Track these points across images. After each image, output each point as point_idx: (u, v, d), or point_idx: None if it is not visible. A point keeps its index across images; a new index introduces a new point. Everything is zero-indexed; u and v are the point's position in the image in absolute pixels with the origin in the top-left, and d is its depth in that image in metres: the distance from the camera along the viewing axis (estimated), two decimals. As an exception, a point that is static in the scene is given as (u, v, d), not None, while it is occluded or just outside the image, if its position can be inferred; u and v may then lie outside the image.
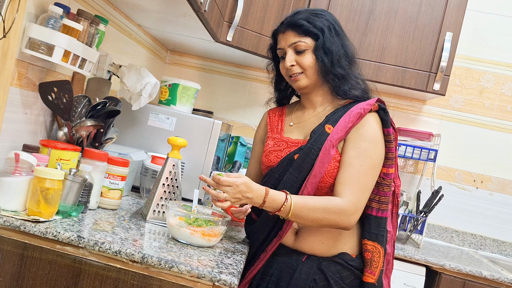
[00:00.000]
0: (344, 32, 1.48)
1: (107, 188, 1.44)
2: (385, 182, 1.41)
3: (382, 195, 1.41)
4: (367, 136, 1.36)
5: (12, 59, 1.26)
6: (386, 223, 1.41)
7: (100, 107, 1.54)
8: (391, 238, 1.44)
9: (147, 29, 2.26)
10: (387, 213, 1.41)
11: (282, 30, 1.46)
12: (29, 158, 1.17)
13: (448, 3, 2.33)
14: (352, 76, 1.44)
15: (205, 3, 1.61)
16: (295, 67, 1.44)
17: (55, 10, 1.31)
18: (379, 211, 1.40)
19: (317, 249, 1.40)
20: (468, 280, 2.04)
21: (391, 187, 1.41)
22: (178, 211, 1.30)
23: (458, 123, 2.71)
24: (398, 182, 1.47)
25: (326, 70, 1.42)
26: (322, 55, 1.41)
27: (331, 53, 1.41)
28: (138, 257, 1.09)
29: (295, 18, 1.45)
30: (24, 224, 1.12)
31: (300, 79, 1.45)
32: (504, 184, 2.68)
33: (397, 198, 1.47)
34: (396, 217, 1.49)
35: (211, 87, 2.81)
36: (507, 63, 2.70)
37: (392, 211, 1.47)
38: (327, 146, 1.35)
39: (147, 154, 1.83)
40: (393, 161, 1.41)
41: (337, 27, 1.45)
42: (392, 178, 1.41)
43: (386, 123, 1.40)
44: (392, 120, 1.43)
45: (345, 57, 1.43)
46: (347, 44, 1.46)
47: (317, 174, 1.35)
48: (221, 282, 1.07)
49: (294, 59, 1.44)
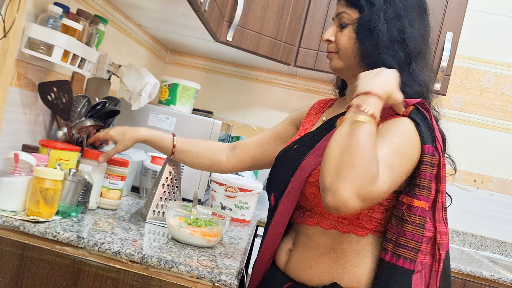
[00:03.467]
0: (420, 17, 1.13)
1: (106, 188, 1.44)
2: (410, 219, 1.02)
3: (402, 235, 1.02)
4: (399, 130, 1.02)
5: (11, 59, 1.26)
6: (411, 278, 1.01)
7: (99, 107, 1.54)
8: None
9: (147, 29, 2.26)
10: (413, 264, 1.01)
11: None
12: (29, 158, 1.17)
13: (448, 3, 2.33)
14: (406, 71, 1.09)
15: (205, 3, 1.61)
16: (332, 44, 1.16)
17: (54, 10, 1.31)
18: (394, 257, 1.02)
19: (303, 276, 1.11)
20: (468, 280, 2.04)
21: (422, 229, 1.01)
22: (178, 211, 1.29)
23: (459, 123, 2.71)
24: (442, 228, 1.05)
25: (367, 55, 1.10)
26: (364, 34, 1.09)
27: (377, 33, 1.08)
28: (138, 257, 1.09)
29: None
30: (23, 225, 1.11)
31: (333, 58, 1.17)
32: (505, 184, 2.68)
33: (438, 250, 1.04)
34: (437, 278, 1.05)
35: (211, 87, 2.80)
36: (507, 63, 2.70)
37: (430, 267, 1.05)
38: (327, 138, 1.08)
39: (147, 154, 1.83)
40: (425, 192, 1.02)
41: (401, 4, 1.10)
42: (420, 215, 1.02)
43: (422, 138, 1.03)
44: (439, 138, 1.06)
45: (400, 45, 1.09)
46: (410, 31, 1.09)
47: (305, 167, 1.08)
48: (221, 283, 1.07)
49: (334, 33, 1.15)
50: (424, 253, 1.03)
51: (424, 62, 1.14)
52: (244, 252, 1.35)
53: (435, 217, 1.04)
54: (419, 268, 1.03)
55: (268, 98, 2.78)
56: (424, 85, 1.12)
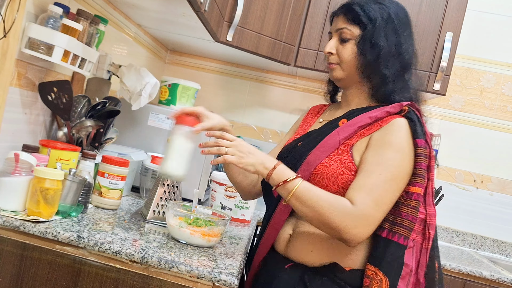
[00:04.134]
0: (410, 32, 1.30)
1: (106, 188, 1.44)
2: (406, 202, 1.17)
3: (398, 215, 1.17)
4: (392, 143, 1.16)
5: (11, 59, 1.26)
6: (403, 252, 1.15)
7: (100, 107, 1.54)
8: (408, 274, 1.15)
9: (147, 29, 2.26)
10: (406, 241, 1.16)
11: (337, 13, 1.31)
12: (29, 158, 1.17)
13: (448, 3, 2.33)
14: (400, 81, 1.25)
15: (205, 3, 1.61)
16: (333, 56, 1.29)
17: (54, 10, 1.31)
18: (390, 233, 1.17)
19: (305, 258, 1.23)
20: (468, 280, 2.04)
21: (416, 211, 1.16)
22: (178, 211, 1.30)
23: (458, 123, 2.71)
24: (432, 211, 1.19)
25: (367, 67, 1.25)
26: (365, 49, 1.23)
27: (378, 48, 1.22)
28: (138, 257, 1.09)
29: (351, 2, 1.29)
30: (23, 224, 1.11)
31: (335, 69, 1.30)
32: (505, 184, 2.68)
33: (428, 229, 1.18)
34: (426, 254, 1.18)
35: (211, 87, 2.81)
36: (507, 63, 2.70)
37: (421, 245, 1.19)
38: (331, 136, 1.22)
39: (147, 154, 1.83)
40: (420, 179, 1.17)
41: (397, 22, 1.26)
42: (416, 199, 1.17)
43: (415, 134, 1.18)
44: (428, 133, 1.22)
45: (397, 58, 1.25)
46: (405, 46, 1.26)
47: (311, 162, 1.20)
48: (221, 283, 1.07)
49: (335, 47, 1.29)
50: (416, 232, 1.17)
51: (414, 72, 1.31)
52: (244, 252, 1.35)
53: (426, 201, 1.19)
54: (411, 245, 1.17)
55: (268, 98, 2.79)
56: (414, 92, 1.28)
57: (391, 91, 1.24)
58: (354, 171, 1.18)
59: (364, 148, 1.20)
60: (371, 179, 1.13)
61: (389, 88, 1.24)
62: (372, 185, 1.12)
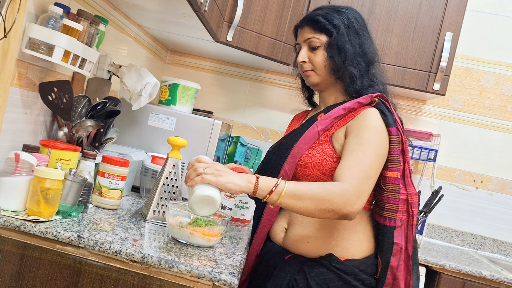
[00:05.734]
0: (367, 32, 1.44)
1: (107, 188, 1.44)
2: (385, 187, 1.31)
3: (380, 200, 1.32)
4: (369, 125, 1.29)
5: (12, 59, 1.27)
6: (392, 232, 1.29)
7: (100, 107, 1.54)
8: (398, 251, 1.30)
9: (147, 29, 2.26)
10: (393, 221, 1.30)
11: (301, 25, 1.44)
12: (29, 158, 1.17)
13: (448, 3, 2.34)
14: (368, 77, 1.40)
15: (205, 3, 1.61)
16: (307, 64, 1.42)
17: (55, 10, 1.31)
18: (381, 218, 1.32)
19: (303, 249, 1.34)
20: (468, 280, 2.04)
21: (396, 193, 1.30)
22: (178, 211, 1.30)
23: (458, 123, 2.71)
24: (412, 190, 1.32)
25: (337, 69, 1.38)
26: (334, 53, 1.37)
27: (344, 51, 1.36)
28: (138, 257, 1.09)
29: (314, 14, 1.42)
30: (24, 224, 1.12)
31: (311, 75, 1.43)
32: (504, 184, 2.68)
33: (411, 207, 1.31)
34: (412, 230, 1.32)
35: (211, 87, 2.81)
36: (507, 63, 2.70)
37: (406, 222, 1.32)
38: (311, 129, 1.35)
39: (147, 154, 1.83)
40: (396, 164, 1.31)
41: (357, 25, 1.40)
42: (393, 183, 1.30)
43: (387, 123, 1.31)
44: (398, 121, 1.34)
45: (362, 57, 1.38)
46: (367, 45, 1.41)
47: (295, 154, 1.33)
48: (221, 282, 1.07)
49: (306, 55, 1.42)
50: (402, 212, 1.31)
51: (378, 66, 1.45)
52: (244, 252, 1.35)
53: (405, 182, 1.32)
54: (399, 224, 1.30)
55: (268, 98, 2.79)
56: (382, 84, 1.43)
57: (361, 86, 1.37)
58: (336, 158, 1.31)
59: (342, 137, 1.33)
60: (355, 157, 1.24)
61: (358, 84, 1.37)
62: (357, 163, 1.22)
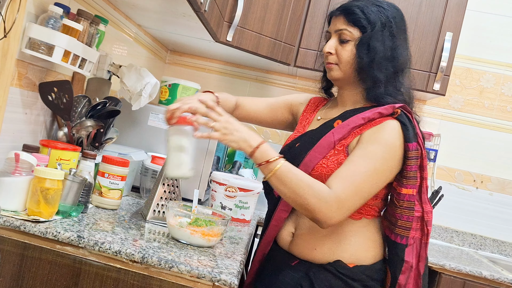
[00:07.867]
0: (405, 35, 1.33)
1: (107, 188, 1.44)
2: (399, 204, 1.24)
3: (393, 216, 1.26)
4: (380, 139, 1.21)
5: (12, 59, 1.27)
6: (403, 250, 1.24)
7: (100, 107, 1.54)
8: (408, 269, 1.24)
9: (147, 29, 2.26)
10: (405, 239, 1.24)
11: (336, 13, 1.33)
12: (29, 158, 1.17)
13: (448, 3, 2.34)
14: (392, 84, 1.28)
15: (205, 3, 1.61)
16: (332, 56, 1.31)
17: (55, 10, 1.31)
18: (392, 235, 1.27)
19: (309, 255, 1.28)
20: (468, 280, 2.04)
21: (411, 211, 1.23)
22: (178, 211, 1.30)
23: (458, 123, 2.71)
24: (428, 208, 1.25)
25: (363, 69, 1.27)
26: (363, 52, 1.26)
27: (375, 51, 1.25)
28: (138, 257, 1.09)
29: (351, 4, 1.30)
30: (24, 224, 1.12)
31: (334, 69, 1.32)
32: (504, 184, 2.68)
33: (426, 225, 1.24)
34: (426, 248, 1.26)
35: (211, 87, 2.81)
36: (507, 63, 2.70)
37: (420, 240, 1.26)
38: (326, 137, 1.26)
39: (147, 154, 1.83)
40: (412, 181, 1.23)
41: (395, 26, 1.28)
42: (408, 200, 1.23)
43: (407, 137, 1.21)
44: (420, 135, 1.24)
45: (391, 62, 1.27)
46: (400, 49, 1.29)
47: (308, 163, 1.25)
48: (221, 282, 1.07)
49: (334, 47, 1.31)
50: (415, 230, 1.25)
51: (407, 76, 1.33)
52: (244, 252, 1.35)
53: (422, 199, 1.25)
54: (411, 242, 1.25)
55: (268, 98, 2.78)
56: (407, 95, 1.31)
57: (383, 93, 1.27)
58: None
59: (355, 145, 1.25)
60: (351, 168, 1.18)
61: (381, 90, 1.27)
62: (351, 173, 1.17)
